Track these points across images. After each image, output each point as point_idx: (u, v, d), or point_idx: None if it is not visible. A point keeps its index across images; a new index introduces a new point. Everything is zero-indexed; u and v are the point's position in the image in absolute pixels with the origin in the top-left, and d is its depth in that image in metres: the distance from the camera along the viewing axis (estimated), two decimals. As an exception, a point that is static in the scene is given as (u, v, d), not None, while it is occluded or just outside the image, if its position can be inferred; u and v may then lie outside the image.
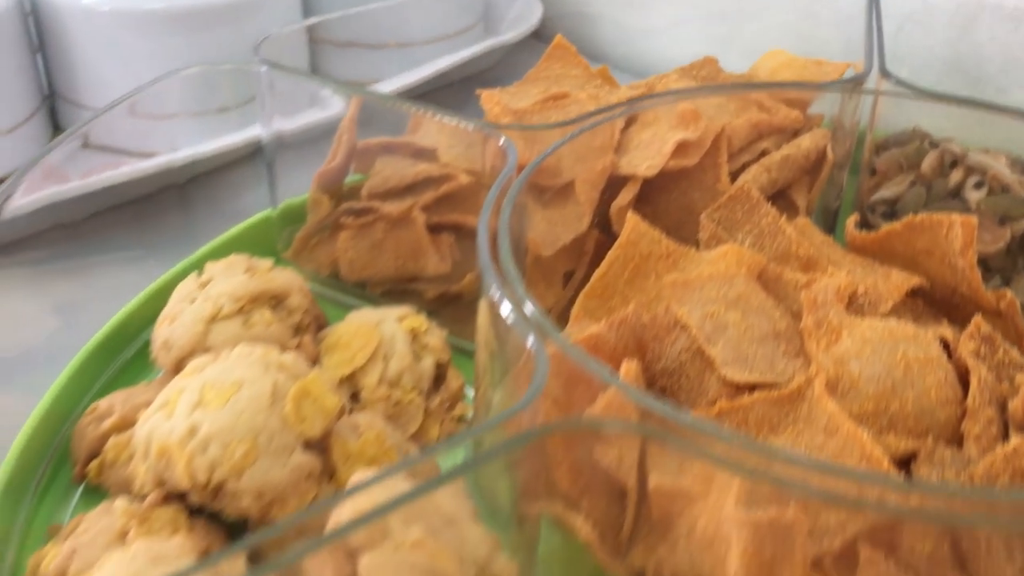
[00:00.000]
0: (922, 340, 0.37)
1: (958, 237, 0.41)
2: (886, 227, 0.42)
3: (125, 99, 0.47)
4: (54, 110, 0.66)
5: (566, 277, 0.46)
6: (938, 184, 0.49)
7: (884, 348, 0.36)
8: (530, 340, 0.30)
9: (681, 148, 0.46)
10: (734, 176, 0.48)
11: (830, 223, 0.52)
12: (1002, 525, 0.28)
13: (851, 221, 0.44)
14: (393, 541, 0.29)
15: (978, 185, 0.48)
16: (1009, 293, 0.41)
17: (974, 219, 0.40)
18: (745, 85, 0.52)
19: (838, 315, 0.38)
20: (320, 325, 0.45)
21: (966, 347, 0.37)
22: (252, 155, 0.58)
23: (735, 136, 0.49)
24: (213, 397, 0.35)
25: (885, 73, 0.46)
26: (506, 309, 0.31)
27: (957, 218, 0.41)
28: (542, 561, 0.34)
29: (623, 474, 0.33)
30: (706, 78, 0.56)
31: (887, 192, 0.49)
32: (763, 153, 0.49)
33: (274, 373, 0.35)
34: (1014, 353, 0.38)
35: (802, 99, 0.51)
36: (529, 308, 0.32)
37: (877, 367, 0.36)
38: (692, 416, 0.29)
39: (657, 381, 0.39)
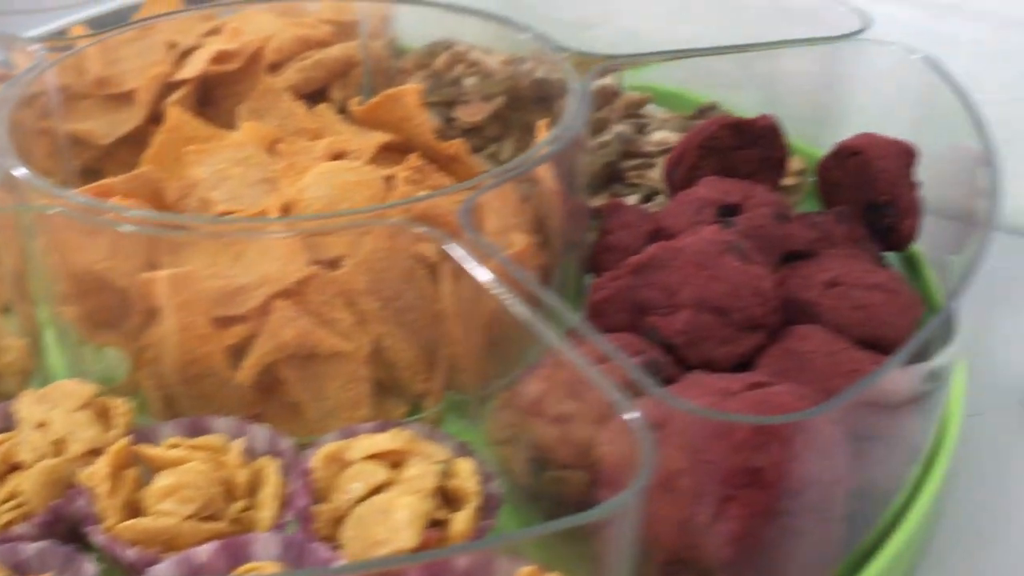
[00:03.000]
0: (360, 171, 0.50)
1: (412, 102, 0.54)
2: (372, 100, 0.56)
3: None
4: None
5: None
6: (447, 75, 0.63)
7: (330, 177, 0.49)
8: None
9: (224, 56, 0.58)
10: (282, 80, 0.60)
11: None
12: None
13: (354, 101, 0.57)
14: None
15: (473, 74, 0.62)
16: (457, 141, 0.54)
17: (419, 86, 0.54)
18: None
19: (308, 160, 0.51)
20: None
21: (399, 175, 0.50)
22: None
23: (284, 47, 0.61)
24: None
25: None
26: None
27: (408, 88, 0.54)
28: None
29: (114, 277, 0.45)
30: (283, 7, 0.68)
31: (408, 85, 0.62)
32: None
33: None
34: (443, 180, 0.52)
35: (340, 19, 0.64)
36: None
37: (322, 190, 0.48)
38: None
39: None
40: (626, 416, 0.29)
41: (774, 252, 0.44)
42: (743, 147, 0.49)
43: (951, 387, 0.43)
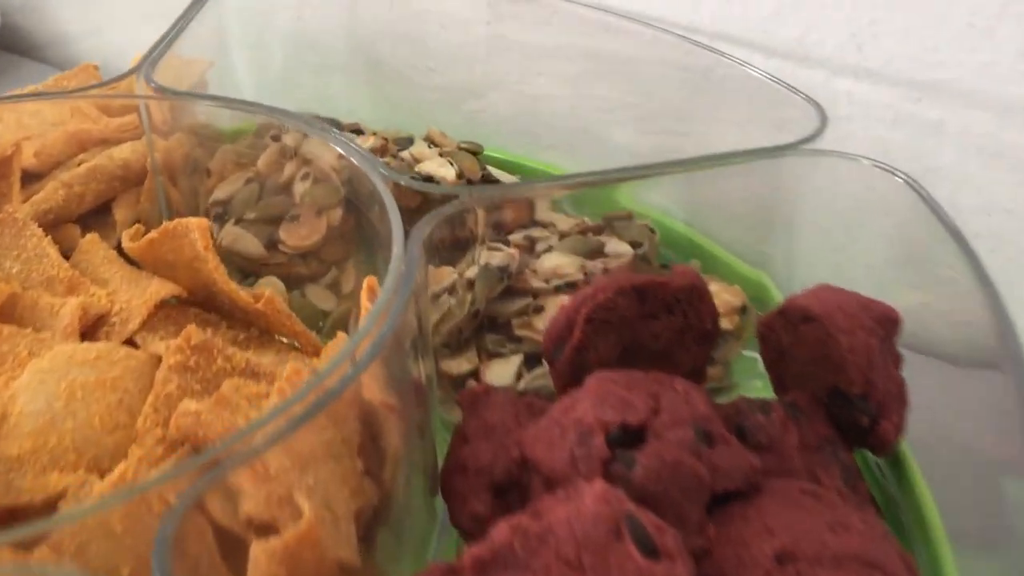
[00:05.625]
0: (103, 362, 0.34)
1: (201, 239, 0.39)
2: (149, 235, 0.40)
3: None
4: None
5: None
6: (272, 179, 0.47)
7: (53, 377, 0.34)
8: None
9: (-47, 172, 0.42)
10: (46, 195, 0.45)
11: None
12: None
13: (128, 232, 0.41)
14: None
15: (304, 177, 0.47)
16: (268, 291, 0.39)
17: (204, 220, 0.39)
18: (53, 93, 0.49)
19: (30, 346, 0.35)
20: None
21: (168, 361, 0.35)
22: None
23: (50, 150, 0.46)
24: None
25: (148, 79, 0.43)
26: None
27: (193, 221, 0.39)
28: None
29: None
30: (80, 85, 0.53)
31: (221, 193, 0.47)
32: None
33: None
34: (238, 358, 0.36)
35: (133, 107, 0.48)
36: None
37: (40, 400, 0.33)
38: None
39: None
40: None
41: (696, 500, 0.29)
42: (653, 316, 0.34)
43: None
